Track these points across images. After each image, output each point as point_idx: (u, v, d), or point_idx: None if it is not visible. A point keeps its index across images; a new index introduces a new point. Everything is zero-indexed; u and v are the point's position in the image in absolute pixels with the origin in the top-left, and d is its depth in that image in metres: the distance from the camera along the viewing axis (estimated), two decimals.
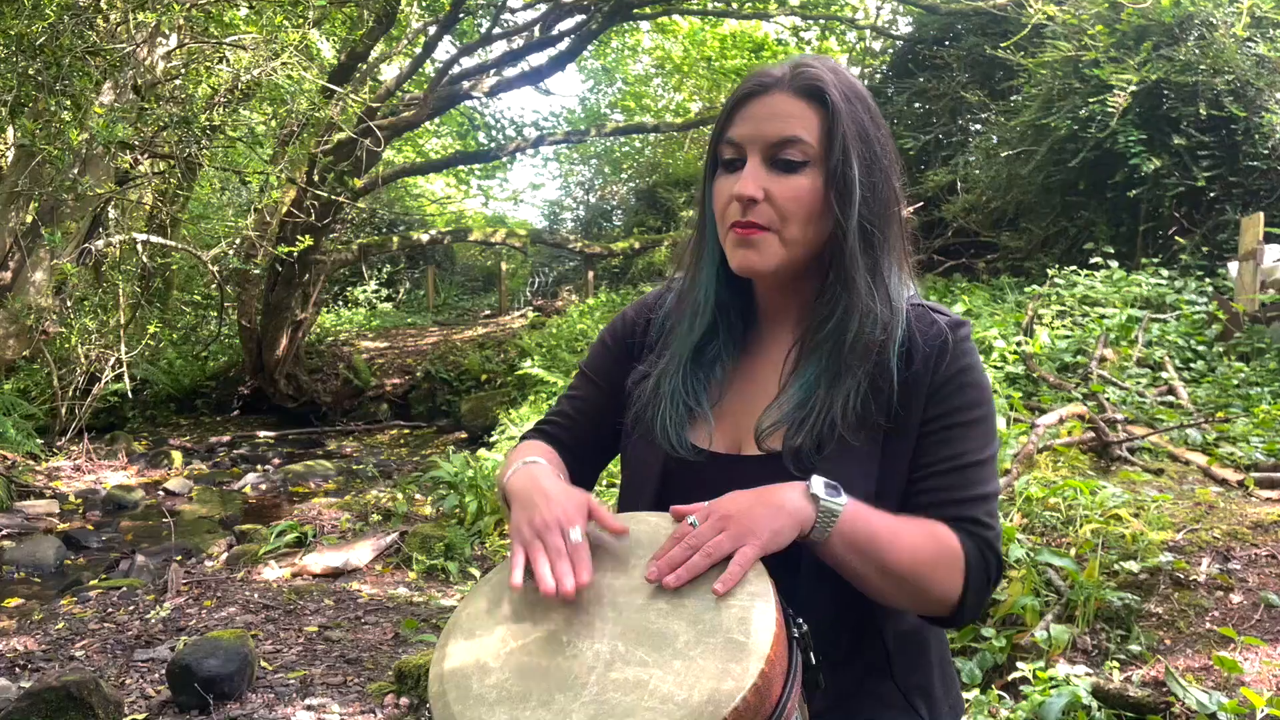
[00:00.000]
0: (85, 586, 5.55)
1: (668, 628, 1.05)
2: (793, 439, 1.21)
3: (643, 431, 1.32)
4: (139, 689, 3.97)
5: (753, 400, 1.29)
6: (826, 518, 1.09)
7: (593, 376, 1.45)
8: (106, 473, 9.29)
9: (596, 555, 1.17)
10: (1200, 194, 7.60)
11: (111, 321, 10.04)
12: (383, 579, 5.44)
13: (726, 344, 1.32)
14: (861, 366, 1.21)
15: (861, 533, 1.11)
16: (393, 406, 12.95)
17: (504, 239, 15.56)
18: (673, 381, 1.31)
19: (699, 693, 0.97)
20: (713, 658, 1.00)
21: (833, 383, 1.22)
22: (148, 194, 10.36)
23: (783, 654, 1.03)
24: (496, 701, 1.03)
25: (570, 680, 1.03)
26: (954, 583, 1.15)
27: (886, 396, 1.21)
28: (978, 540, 1.17)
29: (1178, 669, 2.75)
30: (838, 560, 1.12)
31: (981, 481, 1.20)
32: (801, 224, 1.20)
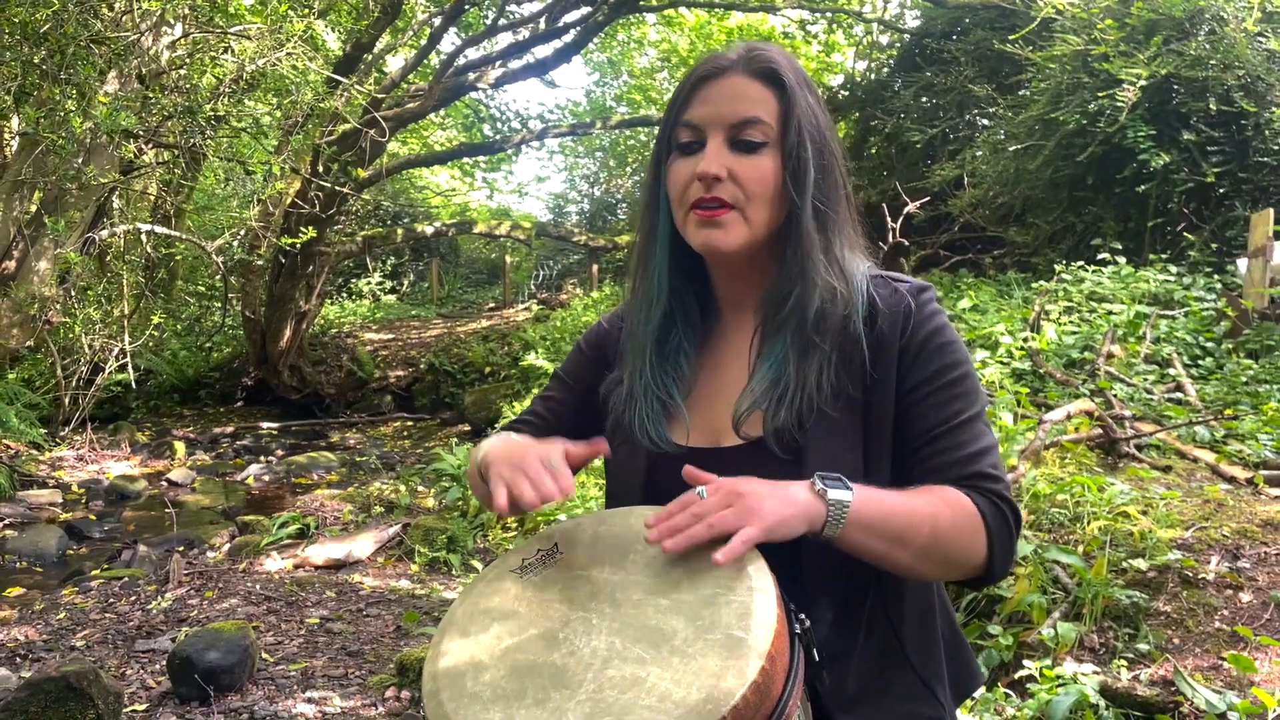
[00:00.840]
0: (87, 576, 5.54)
1: (666, 624, 1.02)
2: (773, 419, 1.20)
3: (623, 435, 1.31)
4: (140, 679, 3.96)
5: (723, 390, 1.28)
6: (838, 510, 1.07)
7: (566, 379, 1.47)
8: (109, 463, 9.29)
9: (593, 550, 1.15)
10: (1209, 190, 7.55)
11: (115, 311, 10.04)
12: (385, 571, 5.43)
13: (686, 333, 1.32)
14: (827, 340, 1.21)
15: (876, 516, 1.10)
16: (396, 398, 12.94)
17: (508, 232, 15.54)
18: (643, 377, 1.31)
19: (697, 691, 0.94)
20: (712, 655, 0.97)
21: (801, 358, 1.22)
22: (152, 184, 10.34)
23: (784, 651, 1.00)
24: (491, 700, 1.00)
25: (566, 678, 1.00)
26: (978, 543, 1.14)
27: (858, 365, 1.21)
28: (989, 495, 1.16)
29: (1186, 668, 2.72)
30: (857, 548, 1.10)
31: (978, 437, 1.19)
32: (763, 204, 1.22)
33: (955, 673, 1.28)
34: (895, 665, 1.22)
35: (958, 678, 1.28)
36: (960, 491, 1.15)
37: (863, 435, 1.20)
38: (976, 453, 1.18)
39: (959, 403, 1.20)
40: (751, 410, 1.22)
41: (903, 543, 1.11)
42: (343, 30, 10.30)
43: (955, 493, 1.15)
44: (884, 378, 1.20)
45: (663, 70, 19.38)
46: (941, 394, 1.20)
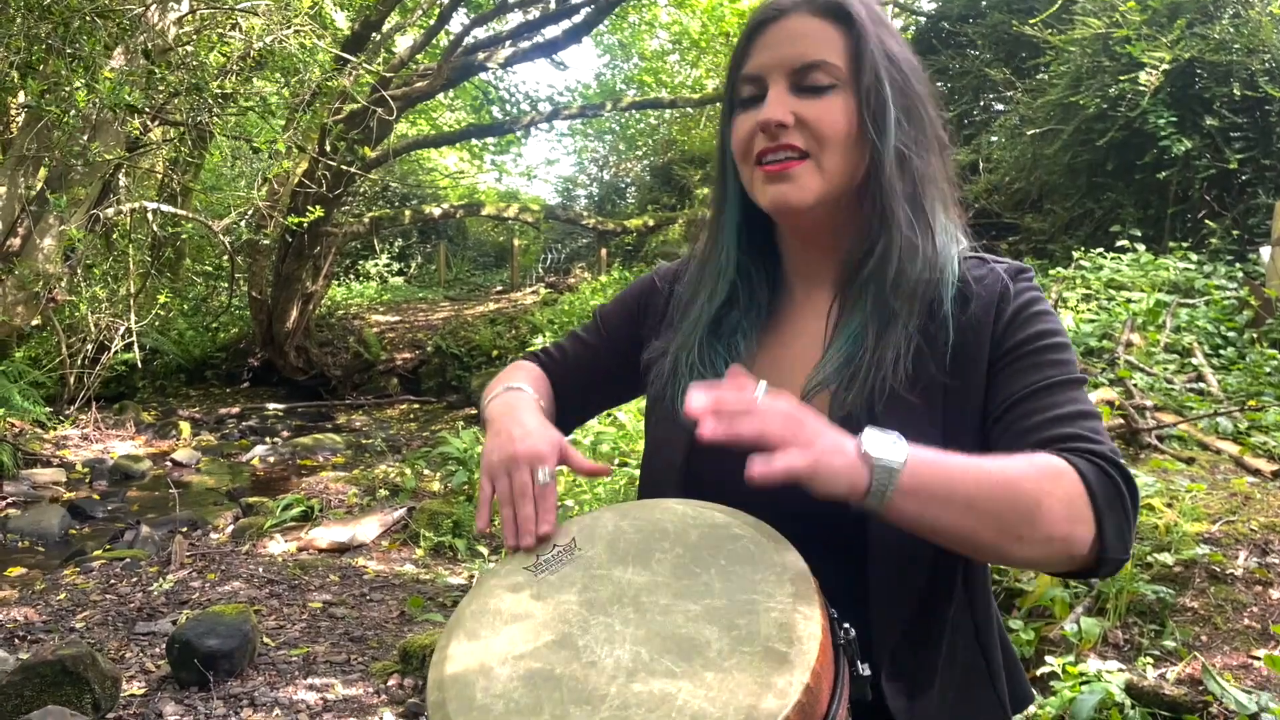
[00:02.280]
0: (89, 557, 5.48)
1: (697, 633, 0.92)
2: (840, 403, 1.06)
3: (663, 412, 1.19)
4: (139, 663, 3.90)
5: (786, 369, 1.15)
6: (883, 475, 0.89)
7: (602, 325, 1.36)
8: (114, 442, 9.24)
9: (614, 546, 1.05)
10: (1232, 177, 7.41)
11: (121, 290, 9.97)
12: (389, 555, 5.36)
13: (748, 313, 1.19)
14: (909, 311, 1.08)
15: (933, 478, 0.91)
16: (402, 381, 12.86)
17: (517, 214, 15.42)
18: (690, 355, 1.18)
19: (735, 711, 0.84)
20: (750, 670, 0.87)
21: (881, 332, 1.08)
22: (159, 162, 10.24)
23: (829, 666, 0.91)
24: (503, 714, 0.91)
25: (587, 692, 0.90)
26: (1078, 514, 0.92)
27: (942, 348, 1.07)
28: (1091, 458, 0.94)
29: (1215, 667, 2.63)
30: (917, 519, 0.92)
31: (1074, 400, 1.01)
32: (838, 150, 1.08)
33: (1014, 691, 1.15)
34: (981, 685, 1.10)
35: (1015, 696, 1.16)
36: (1051, 453, 0.95)
37: (942, 426, 1.06)
38: (1071, 414, 0.99)
39: (1053, 368, 1.04)
40: (820, 389, 1.09)
41: (974, 511, 0.90)
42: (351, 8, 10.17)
43: (1045, 455, 0.95)
44: (973, 360, 1.07)
45: (673, 53, 19.19)
46: (1033, 358, 1.04)
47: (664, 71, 19.39)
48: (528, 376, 1.28)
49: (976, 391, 1.07)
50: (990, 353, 1.07)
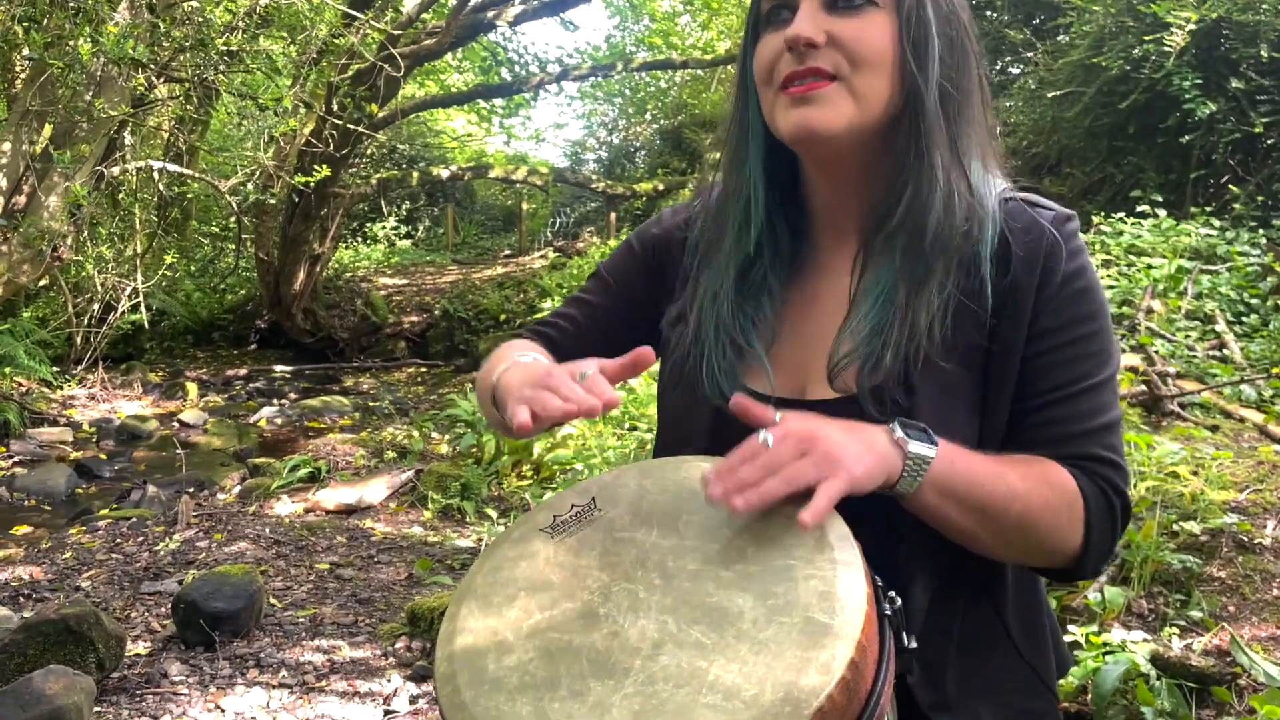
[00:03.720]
0: (95, 516, 5.46)
1: (730, 602, 0.84)
2: (870, 373, 0.98)
3: (685, 385, 1.09)
4: (144, 622, 3.87)
5: (816, 332, 1.06)
6: (915, 465, 0.90)
7: (610, 281, 1.22)
8: (121, 402, 9.21)
9: (638, 507, 0.97)
10: (1256, 141, 7.24)
11: (128, 251, 9.90)
12: (397, 517, 5.31)
13: (774, 265, 1.09)
14: (945, 268, 0.99)
15: (959, 480, 0.92)
16: (410, 344, 12.80)
17: (525, 177, 15.27)
18: (718, 316, 1.08)
19: (772, 688, 0.76)
20: (789, 642, 0.79)
21: (913, 292, 0.99)
22: (165, 121, 10.13)
23: (874, 639, 0.83)
24: (518, 689, 0.83)
25: (609, 665, 0.82)
26: (1073, 532, 0.97)
27: (982, 309, 0.99)
28: (1099, 481, 0.98)
29: (1243, 638, 2.55)
30: (932, 512, 0.94)
31: (1100, 410, 1.00)
32: (874, 74, 0.98)
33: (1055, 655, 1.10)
34: (1002, 653, 1.04)
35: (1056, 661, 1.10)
36: (1066, 471, 0.98)
37: (982, 396, 1.00)
38: (1094, 429, 0.99)
39: (1086, 364, 0.99)
40: (850, 358, 1.00)
41: (984, 516, 0.94)
42: None
43: (1060, 471, 0.97)
44: (1014, 327, 0.99)
45: (684, 15, 18.91)
46: (1069, 350, 0.99)
47: (674, 33, 19.11)
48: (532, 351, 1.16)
49: (1014, 358, 1.00)
50: (1031, 321, 0.99)
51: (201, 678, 3.37)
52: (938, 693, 0.99)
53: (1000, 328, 0.99)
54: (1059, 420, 0.99)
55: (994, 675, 1.04)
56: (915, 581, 0.99)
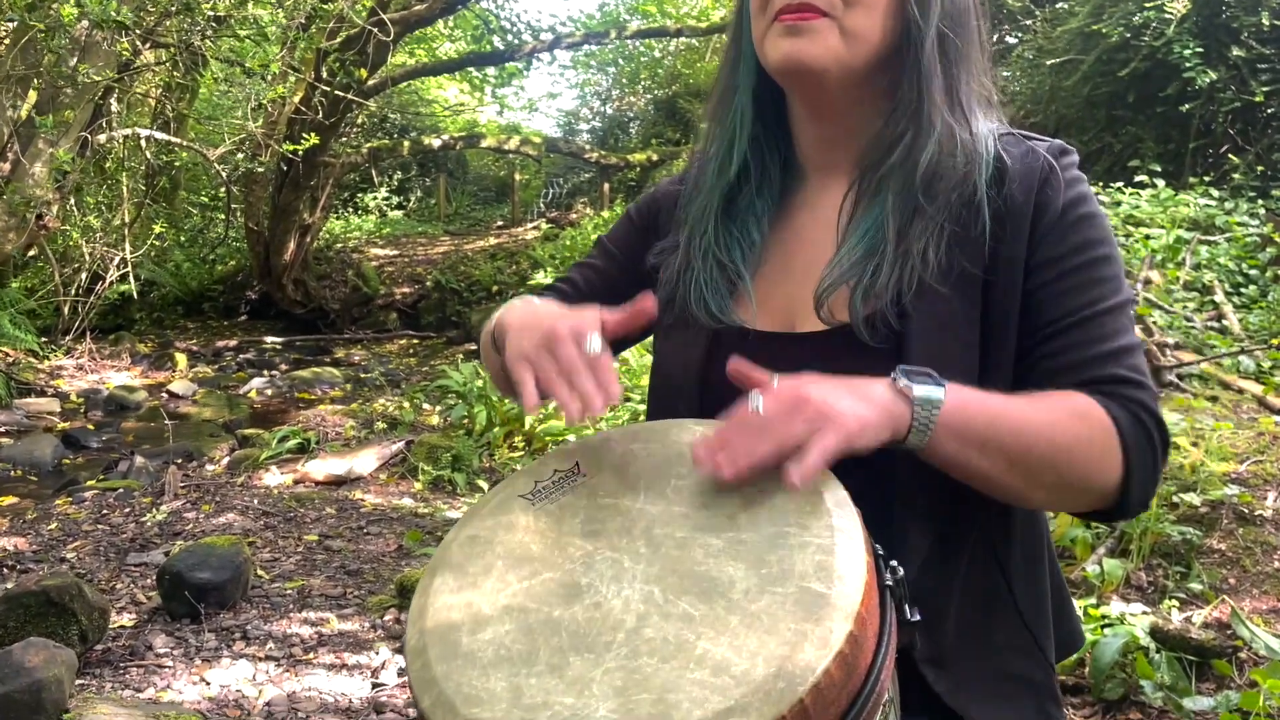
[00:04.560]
0: (81, 487, 5.40)
1: (721, 571, 0.79)
2: (863, 297, 0.94)
3: (675, 315, 1.06)
4: (129, 594, 3.82)
5: (801, 265, 1.03)
6: (925, 410, 0.84)
7: (611, 248, 1.22)
8: (110, 373, 9.13)
9: (624, 472, 0.91)
10: (1257, 110, 7.18)
11: (116, 220, 9.78)
12: (387, 489, 5.26)
13: (761, 192, 1.06)
14: (940, 204, 0.95)
15: (976, 421, 0.86)
16: (402, 316, 12.71)
17: (518, 147, 15.13)
18: (704, 240, 1.05)
19: (765, 663, 0.71)
20: (783, 614, 0.73)
21: (906, 224, 0.95)
22: (152, 88, 9.98)
23: (874, 609, 0.77)
24: (492, 663, 0.78)
25: (590, 638, 0.77)
26: (1110, 463, 0.89)
27: (978, 236, 0.94)
28: (1127, 403, 0.90)
29: (1244, 610, 2.52)
30: (951, 462, 0.87)
31: (1117, 332, 0.93)
32: (869, 12, 0.94)
33: (1060, 630, 1.05)
34: (1001, 611, 0.99)
35: (1063, 636, 1.05)
36: (1090, 398, 0.90)
37: (980, 326, 0.94)
38: (1114, 351, 0.92)
39: (1096, 289, 0.93)
40: (837, 285, 0.96)
41: (1009, 458, 0.87)
42: None
43: (1083, 399, 0.90)
44: (1011, 254, 0.94)
45: None
46: (1075, 277, 0.93)
47: (669, 1, 18.91)
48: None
49: (1014, 289, 0.94)
50: (1029, 253, 0.95)
51: (187, 650, 3.32)
52: (934, 646, 0.95)
53: (999, 253, 0.95)
54: (1074, 345, 0.92)
55: (992, 634, 0.99)
56: (909, 531, 0.94)
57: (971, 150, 0.96)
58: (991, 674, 0.98)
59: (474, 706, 0.74)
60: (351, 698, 3.06)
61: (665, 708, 0.70)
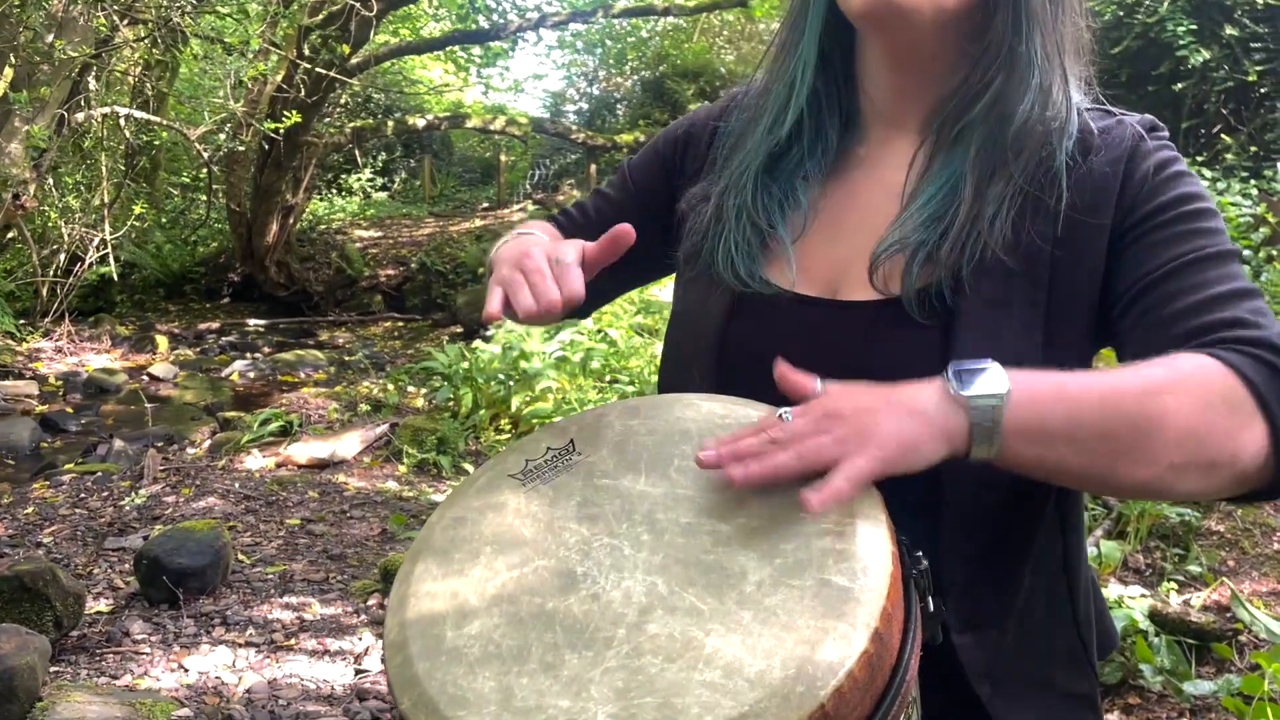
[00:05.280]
0: (59, 470, 5.30)
1: (731, 560, 0.71)
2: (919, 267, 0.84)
3: (699, 269, 0.97)
4: (107, 579, 3.74)
5: (857, 227, 0.93)
6: (985, 415, 0.71)
7: (630, 178, 1.12)
8: (89, 355, 8.99)
9: (623, 451, 0.84)
10: (1250, 89, 7.13)
11: (95, 201, 9.62)
12: (371, 472, 5.18)
13: (812, 152, 0.96)
14: (1022, 166, 0.85)
15: (1052, 411, 0.72)
16: (386, 298, 12.58)
17: (504, 127, 14.99)
18: (739, 197, 0.96)
19: (782, 664, 0.64)
20: (801, 610, 0.66)
21: (982, 184, 0.85)
22: (132, 66, 9.81)
23: (899, 603, 0.70)
24: (480, 660, 0.70)
25: (588, 634, 0.70)
26: (1241, 423, 0.72)
27: (1053, 207, 0.84)
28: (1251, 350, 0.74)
29: (1243, 592, 2.48)
30: (1036, 465, 0.74)
31: (1225, 278, 0.79)
32: None
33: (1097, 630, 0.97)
34: (1060, 619, 0.91)
35: (1099, 636, 0.97)
36: (1198, 353, 0.75)
37: (1045, 307, 0.84)
38: (1227, 294, 0.78)
39: (1198, 239, 0.81)
40: (894, 252, 0.86)
41: (1108, 445, 0.71)
42: None
43: (1187, 356, 0.74)
44: (1090, 227, 0.84)
45: None
46: (1172, 228, 0.82)
47: None
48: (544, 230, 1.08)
49: (1091, 272, 0.84)
50: (1115, 222, 0.84)
51: (165, 636, 3.25)
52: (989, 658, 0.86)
53: (1075, 227, 0.85)
54: (1179, 294, 0.79)
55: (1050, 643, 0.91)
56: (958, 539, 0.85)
57: (1061, 109, 0.87)
58: (1043, 686, 0.90)
59: (459, 709, 0.67)
60: (334, 684, 3.00)
61: (671, 713, 0.63)
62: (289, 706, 2.86)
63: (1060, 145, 0.86)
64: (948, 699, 0.83)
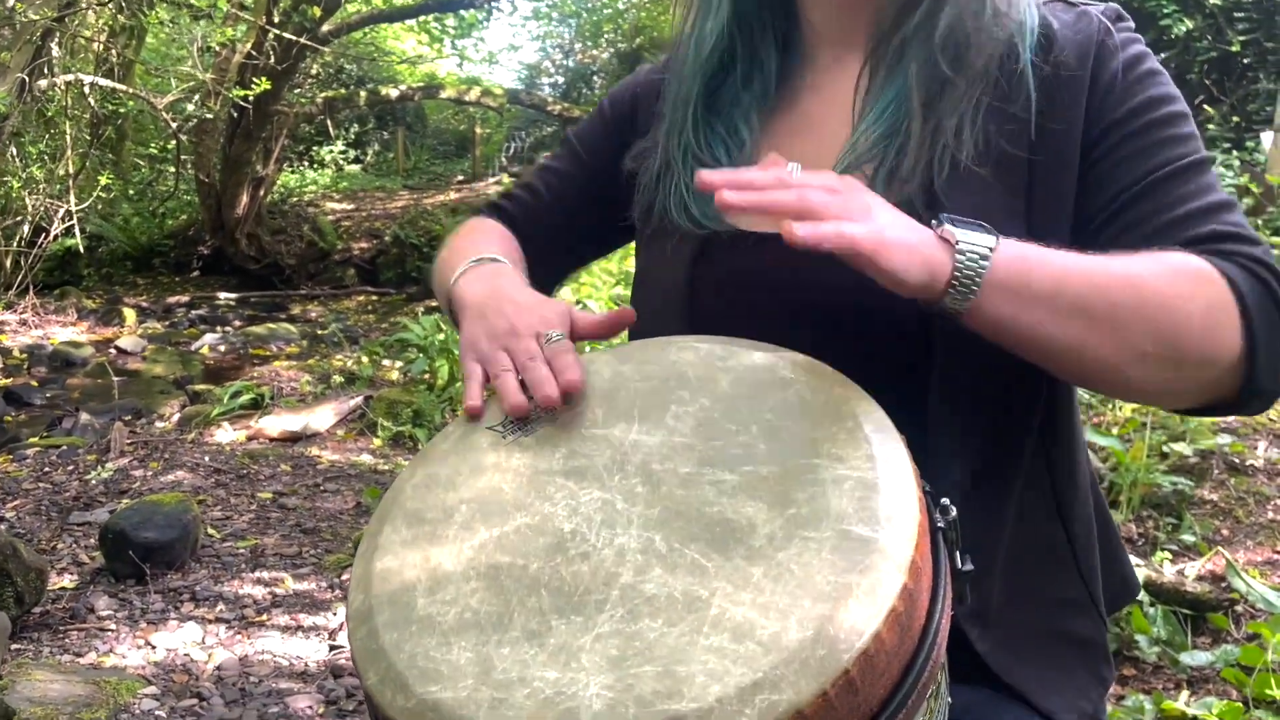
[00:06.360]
0: (23, 444, 5.17)
1: (737, 512, 0.63)
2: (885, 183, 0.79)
3: (655, 225, 0.91)
4: (71, 554, 3.63)
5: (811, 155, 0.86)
6: (971, 261, 0.68)
7: (579, 147, 1.05)
8: (55, 328, 8.81)
9: (613, 398, 0.76)
10: (1233, 60, 7.10)
11: (60, 171, 9.40)
12: (345, 445, 5.08)
13: (749, 82, 0.90)
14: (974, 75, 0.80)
15: (1038, 272, 0.70)
16: (360, 271, 12.41)
17: (479, 98, 14.77)
18: (682, 138, 0.90)
19: (799, 625, 0.55)
20: (819, 564, 0.58)
21: (934, 96, 0.80)
22: (97, 33, 9.56)
23: (928, 556, 0.62)
24: (455, 629, 0.62)
25: (577, 597, 0.61)
26: (1225, 325, 0.71)
27: (1021, 112, 0.79)
28: (1235, 257, 0.73)
29: (1238, 562, 2.43)
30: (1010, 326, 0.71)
31: (1205, 189, 0.77)
32: None
33: (1111, 578, 0.91)
34: (1056, 560, 0.85)
35: (1114, 586, 0.92)
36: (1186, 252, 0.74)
37: (1025, 217, 0.79)
38: (1206, 207, 0.76)
39: (1171, 148, 0.78)
40: (854, 170, 0.81)
41: (1086, 316, 0.70)
42: None
43: (1179, 254, 0.73)
44: (1063, 129, 0.79)
45: None
46: (1145, 137, 0.78)
47: None
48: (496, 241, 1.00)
49: (1068, 171, 0.79)
50: (1088, 124, 0.79)
51: (131, 612, 3.15)
52: (979, 600, 0.80)
53: (1047, 129, 0.80)
54: (1156, 209, 0.76)
55: (1045, 587, 0.86)
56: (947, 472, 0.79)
57: (1008, 12, 0.81)
58: (1041, 633, 0.85)
59: (431, 683, 0.59)
60: (307, 660, 2.92)
61: (674, 683, 0.55)
62: (261, 684, 2.78)
63: (1024, 46, 0.80)
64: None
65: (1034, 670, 0.83)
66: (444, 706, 0.57)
